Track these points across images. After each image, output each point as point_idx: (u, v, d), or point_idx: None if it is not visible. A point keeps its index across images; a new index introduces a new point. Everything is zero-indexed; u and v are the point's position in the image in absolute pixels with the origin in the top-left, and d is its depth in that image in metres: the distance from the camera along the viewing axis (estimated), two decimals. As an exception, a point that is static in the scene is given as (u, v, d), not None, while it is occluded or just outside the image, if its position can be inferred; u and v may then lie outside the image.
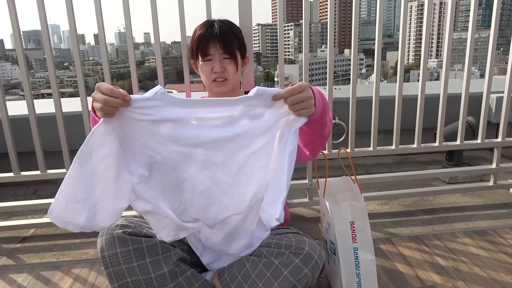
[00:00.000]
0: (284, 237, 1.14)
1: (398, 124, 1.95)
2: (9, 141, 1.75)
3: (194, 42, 1.35)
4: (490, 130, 2.26)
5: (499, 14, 1.92)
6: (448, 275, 1.44)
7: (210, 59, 1.34)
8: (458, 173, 2.30)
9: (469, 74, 1.95)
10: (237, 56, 1.36)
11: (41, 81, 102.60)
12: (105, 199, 0.98)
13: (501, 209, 2.03)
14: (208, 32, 1.33)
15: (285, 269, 1.05)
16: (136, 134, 0.97)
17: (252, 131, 0.99)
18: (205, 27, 1.35)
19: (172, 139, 0.99)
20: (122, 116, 0.94)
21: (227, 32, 1.34)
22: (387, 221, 1.92)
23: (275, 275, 1.05)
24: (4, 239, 1.86)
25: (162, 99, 0.93)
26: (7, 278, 1.53)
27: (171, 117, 0.96)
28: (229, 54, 1.34)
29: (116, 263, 1.08)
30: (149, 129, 0.96)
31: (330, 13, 1.80)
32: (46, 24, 1.68)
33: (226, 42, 1.32)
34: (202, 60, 1.35)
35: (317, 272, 1.08)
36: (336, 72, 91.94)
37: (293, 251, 1.08)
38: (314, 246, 1.10)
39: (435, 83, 3.66)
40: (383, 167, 2.71)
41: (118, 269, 1.08)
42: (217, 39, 1.31)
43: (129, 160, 1.00)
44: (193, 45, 1.36)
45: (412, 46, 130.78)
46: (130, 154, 1.00)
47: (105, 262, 1.08)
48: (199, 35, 1.34)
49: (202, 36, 1.33)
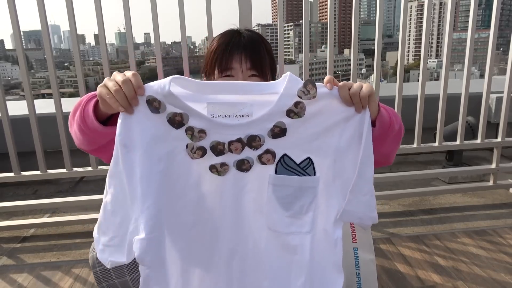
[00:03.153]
0: None
1: (398, 124, 1.94)
2: (9, 141, 1.75)
3: (211, 52, 1.03)
4: (490, 130, 2.26)
5: (499, 14, 1.93)
6: (448, 275, 1.44)
7: (231, 74, 0.99)
8: (458, 173, 2.30)
9: (469, 74, 1.95)
10: (267, 75, 1.04)
11: (41, 81, 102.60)
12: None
13: (501, 209, 2.03)
14: (232, 41, 1.01)
15: None
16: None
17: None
18: (228, 35, 1.04)
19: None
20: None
21: (256, 42, 1.02)
22: (387, 221, 1.92)
23: None
24: (4, 239, 1.86)
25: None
26: (7, 278, 1.53)
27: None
28: (257, 71, 1.00)
29: (108, 278, 1.05)
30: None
31: (330, 13, 1.81)
32: (46, 24, 1.68)
33: (255, 54, 1.00)
34: (220, 75, 1.00)
35: None
36: (336, 72, 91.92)
37: None
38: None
39: (435, 83, 3.66)
40: (383, 167, 2.71)
41: (111, 284, 1.05)
42: (243, 50, 0.99)
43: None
44: (210, 56, 1.03)
45: (412, 46, 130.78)
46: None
47: (97, 277, 1.05)
48: (219, 44, 1.01)
49: (223, 45, 1.01)
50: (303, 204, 0.82)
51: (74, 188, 2.58)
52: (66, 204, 2.00)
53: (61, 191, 2.53)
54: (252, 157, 0.79)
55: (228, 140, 0.78)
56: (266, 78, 1.04)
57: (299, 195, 0.82)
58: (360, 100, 0.77)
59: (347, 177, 0.80)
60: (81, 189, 2.57)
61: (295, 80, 0.78)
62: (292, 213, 0.82)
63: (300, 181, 0.81)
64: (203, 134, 0.77)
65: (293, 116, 0.77)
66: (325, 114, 0.79)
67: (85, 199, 1.91)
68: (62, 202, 1.97)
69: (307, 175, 0.81)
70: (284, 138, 0.79)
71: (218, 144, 0.78)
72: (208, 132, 0.77)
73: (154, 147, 0.76)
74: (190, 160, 0.79)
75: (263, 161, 0.80)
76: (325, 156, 0.81)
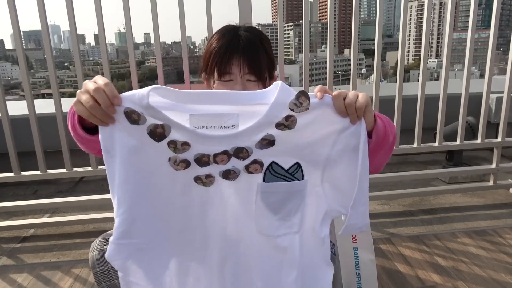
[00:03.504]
0: None
1: (398, 124, 1.94)
2: (9, 141, 1.75)
3: (210, 53, 1.03)
4: (490, 130, 2.26)
5: (499, 14, 1.93)
6: (448, 275, 1.44)
7: (229, 79, 1.01)
8: (458, 173, 2.30)
9: (469, 74, 1.95)
10: (265, 78, 1.04)
11: (41, 81, 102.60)
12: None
13: (501, 209, 2.03)
14: (230, 44, 1.00)
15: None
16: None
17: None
18: (226, 36, 1.03)
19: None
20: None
21: (255, 45, 1.02)
22: (387, 221, 1.92)
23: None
24: (4, 239, 1.86)
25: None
26: (7, 278, 1.53)
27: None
28: (255, 76, 1.01)
29: (108, 278, 1.04)
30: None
31: (330, 13, 1.81)
32: (46, 24, 1.69)
33: (253, 59, 1.00)
34: (218, 79, 1.02)
35: None
36: (336, 72, 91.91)
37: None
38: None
39: (435, 83, 3.66)
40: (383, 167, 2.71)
41: (111, 284, 1.04)
42: (242, 55, 0.99)
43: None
44: (209, 57, 1.03)
45: (412, 46, 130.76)
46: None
47: (97, 278, 1.04)
48: (218, 47, 1.01)
49: (222, 48, 1.00)
50: (292, 206, 0.82)
51: (74, 188, 2.58)
52: (66, 204, 2.00)
53: (61, 191, 2.53)
54: (239, 167, 0.77)
55: (213, 153, 0.75)
56: (264, 82, 1.04)
57: (288, 199, 0.81)
58: (356, 111, 0.75)
59: (340, 186, 0.80)
60: (81, 189, 2.57)
61: (286, 90, 0.74)
62: (281, 216, 0.82)
63: (289, 186, 0.80)
64: (187, 146, 0.74)
65: (283, 129, 0.74)
66: (318, 124, 0.75)
67: (85, 199, 1.90)
68: (62, 202, 1.97)
69: (296, 179, 0.80)
70: (272, 148, 0.76)
71: (203, 157, 0.75)
72: (192, 144, 0.74)
73: (132, 158, 0.74)
74: (173, 171, 0.76)
75: (251, 170, 0.78)
76: (315, 163, 0.79)
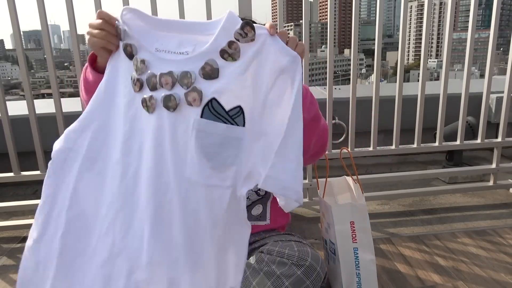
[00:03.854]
0: (287, 246, 1.11)
1: (398, 124, 1.95)
2: (9, 141, 1.75)
3: None
4: (490, 130, 2.26)
5: (499, 14, 1.93)
6: (448, 275, 1.44)
7: None
8: (458, 173, 2.30)
9: (469, 74, 1.95)
10: None
11: (41, 81, 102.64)
12: None
13: (501, 209, 2.03)
14: None
15: (287, 280, 1.03)
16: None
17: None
18: None
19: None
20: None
21: None
22: (387, 221, 1.92)
23: (276, 285, 1.04)
24: (4, 239, 1.86)
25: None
26: (7, 278, 1.53)
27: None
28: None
29: None
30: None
31: (330, 13, 1.81)
32: (46, 24, 1.69)
33: None
34: None
35: (319, 283, 1.07)
36: (336, 72, 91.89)
37: (295, 262, 1.05)
38: (317, 258, 1.08)
39: (435, 83, 3.66)
40: (383, 167, 2.71)
41: None
42: None
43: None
44: None
45: (412, 46, 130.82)
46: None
47: None
48: None
49: None
50: (227, 156, 0.76)
51: (74, 188, 2.57)
52: (66, 204, 1.99)
53: (61, 191, 2.52)
54: (180, 94, 0.75)
55: (160, 72, 0.77)
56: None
57: (224, 146, 0.76)
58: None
59: (272, 138, 0.74)
60: (81, 189, 2.56)
61: (233, 19, 0.75)
62: (214, 164, 0.76)
63: (226, 129, 0.75)
64: (143, 65, 0.78)
65: (227, 58, 0.75)
66: (260, 60, 0.75)
67: (85, 199, 1.90)
68: (62, 202, 1.97)
69: (236, 124, 0.76)
70: (215, 80, 0.75)
71: (152, 77, 0.77)
72: (148, 65, 0.78)
73: (112, 76, 0.83)
74: (133, 93, 0.80)
75: (189, 100, 0.75)
76: (254, 108, 0.76)
